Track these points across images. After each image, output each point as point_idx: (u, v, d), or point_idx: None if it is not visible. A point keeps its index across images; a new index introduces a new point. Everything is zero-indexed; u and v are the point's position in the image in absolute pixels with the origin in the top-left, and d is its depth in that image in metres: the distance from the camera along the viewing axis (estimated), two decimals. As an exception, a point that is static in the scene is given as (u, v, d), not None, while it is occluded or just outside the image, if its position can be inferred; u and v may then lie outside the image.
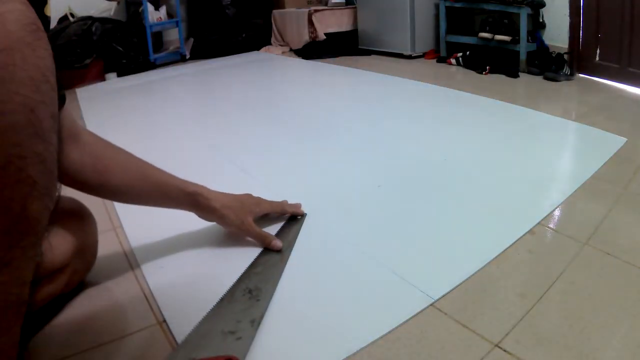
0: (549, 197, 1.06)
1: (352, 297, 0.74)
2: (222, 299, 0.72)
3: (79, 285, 0.80)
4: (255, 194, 0.93)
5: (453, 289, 0.75)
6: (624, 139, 1.37)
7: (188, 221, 1.04)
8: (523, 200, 1.05)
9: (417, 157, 1.32)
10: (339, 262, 0.84)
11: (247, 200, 0.91)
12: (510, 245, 0.86)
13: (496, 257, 0.83)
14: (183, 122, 1.88)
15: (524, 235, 0.90)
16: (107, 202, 1.15)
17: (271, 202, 0.96)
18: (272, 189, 1.15)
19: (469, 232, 0.92)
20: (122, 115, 2.10)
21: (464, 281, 0.77)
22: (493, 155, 1.32)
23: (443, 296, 0.73)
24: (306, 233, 0.94)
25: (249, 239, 0.89)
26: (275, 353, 0.63)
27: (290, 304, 0.73)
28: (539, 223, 0.94)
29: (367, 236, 0.92)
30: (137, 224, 1.01)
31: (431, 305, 0.71)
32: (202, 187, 0.86)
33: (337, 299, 0.74)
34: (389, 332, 0.66)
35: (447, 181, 1.17)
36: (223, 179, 1.24)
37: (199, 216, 0.88)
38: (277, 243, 0.86)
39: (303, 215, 1.00)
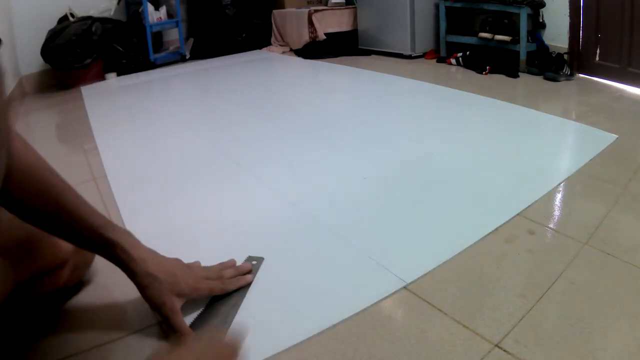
0: (532, 190, 1.08)
1: (329, 279, 0.78)
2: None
3: (79, 285, 0.80)
4: (252, 190, 0.92)
5: (453, 289, 0.75)
6: (616, 136, 1.38)
7: (189, 224, 1.05)
8: (506, 192, 1.09)
9: (413, 154, 1.33)
10: (322, 250, 0.89)
11: (182, 274, 0.69)
12: (489, 233, 0.91)
13: (496, 257, 0.83)
14: (184, 121, 1.88)
15: (502, 224, 0.94)
16: (108, 202, 1.15)
17: (210, 285, 0.73)
18: (269, 185, 1.17)
19: (449, 221, 0.97)
20: (125, 114, 2.11)
21: (463, 281, 0.77)
22: (488, 154, 1.32)
23: (415, 280, 0.77)
24: (291, 223, 1.00)
25: None
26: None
27: (273, 284, 0.79)
28: (519, 214, 0.98)
29: (352, 227, 0.94)
30: (138, 225, 1.02)
31: (432, 305, 0.71)
32: (129, 236, 0.67)
33: (315, 280, 0.80)
34: (386, 332, 0.66)
35: (438, 176, 1.17)
36: (222, 174, 1.26)
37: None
38: None
39: (259, 260, 0.85)
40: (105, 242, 0.65)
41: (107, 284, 0.81)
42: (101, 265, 0.84)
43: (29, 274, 0.66)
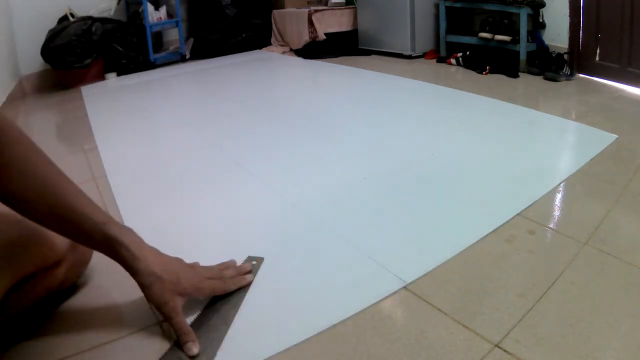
0: (532, 190, 1.08)
1: (329, 279, 0.79)
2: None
3: (79, 285, 0.80)
4: (252, 189, 0.91)
5: (453, 289, 0.75)
6: (616, 136, 1.38)
7: (189, 224, 1.05)
8: (506, 192, 1.09)
9: (414, 154, 1.33)
10: (322, 250, 0.89)
11: (184, 274, 0.69)
12: (489, 233, 0.91)
13: (496, 257, 0.83)
14: (184, 121, 1.88)
15: (502, 224, 0.94)
16: (108, 202, 1.15)
17: (212, 285, 0.72)
18: (270, 184, 1.16)
19: (449, 221, 0.97)
20: (125, 114, 2.11)
21: (463, 281, 0.77)
22: (488, 154, 1.32)
23: (415, 280, 0.77)
24: (291, 223, 1.00)
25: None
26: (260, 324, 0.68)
27: (273, 284, 0.79)
28: (518, 214, 0.98)
29: (352, 227, 0.94)
30: (138, 225, 1.01)
31: (432, 305, 0.71)
32: (132, 234, 0.67)
33: (315, 280, 0.80)
34: (386, 332, 0.66)
35: (438, 176, 1.17)
36: (222, 174, 1.26)
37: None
38: (193, 348, 0.63)
39: (259, 260, 0.85)
40: (107, 239, 0.64)
41: (106, 283, 0.81)
42: (99, 265, 0.84)
43: (24, 273, 0.66)
